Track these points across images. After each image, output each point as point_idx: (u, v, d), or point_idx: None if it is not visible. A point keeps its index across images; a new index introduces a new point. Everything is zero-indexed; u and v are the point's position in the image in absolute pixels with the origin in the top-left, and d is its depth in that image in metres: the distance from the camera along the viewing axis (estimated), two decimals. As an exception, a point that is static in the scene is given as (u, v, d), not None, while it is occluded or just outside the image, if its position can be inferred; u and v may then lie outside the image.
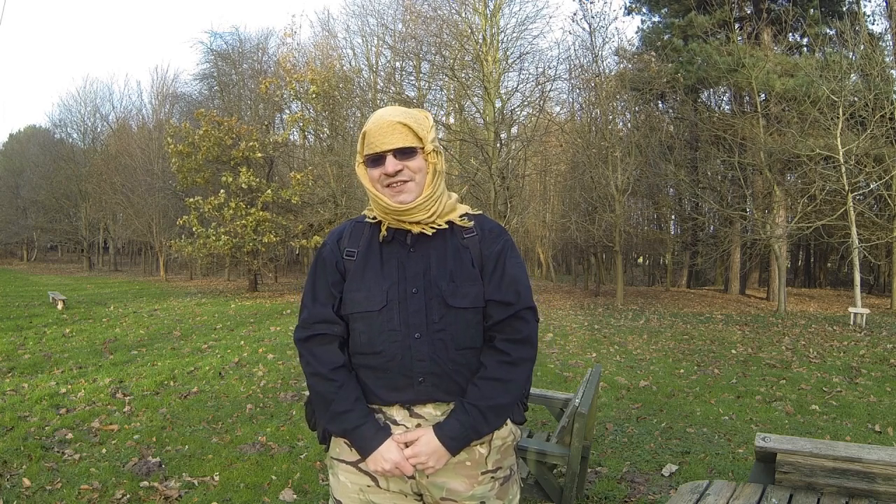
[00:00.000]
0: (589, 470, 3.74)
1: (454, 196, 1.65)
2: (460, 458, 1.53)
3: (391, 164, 1.51)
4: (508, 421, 1.61)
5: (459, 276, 1.53)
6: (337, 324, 1.56)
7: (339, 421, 1.52)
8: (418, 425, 1.53)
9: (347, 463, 1.59)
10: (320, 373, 1.53)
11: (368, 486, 1.56)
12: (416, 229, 1.56)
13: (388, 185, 1.53)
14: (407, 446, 1.50)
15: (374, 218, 1.62)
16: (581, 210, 20.48)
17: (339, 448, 1.60)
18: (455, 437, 1.48)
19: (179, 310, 13.51)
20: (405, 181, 1.53)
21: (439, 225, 1.57)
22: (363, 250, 1.59)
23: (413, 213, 1.53)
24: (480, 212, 1.70)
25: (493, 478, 1.57)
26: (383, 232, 1.58)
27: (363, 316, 1.54)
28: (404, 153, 1.51)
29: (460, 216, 1.61)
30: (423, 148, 1.53)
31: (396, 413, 1.54)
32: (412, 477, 1.54)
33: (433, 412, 1.53)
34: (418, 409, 1.53)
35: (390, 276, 1.54)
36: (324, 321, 1.57)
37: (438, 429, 1.49)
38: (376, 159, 1.53)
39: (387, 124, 1.51)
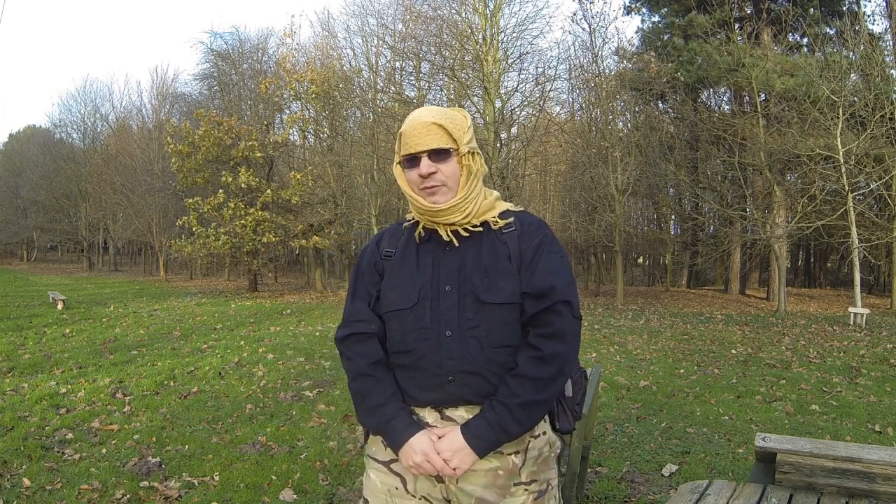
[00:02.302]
0: (589, 470, 3.73)
1: (494, 194, 1.62)
2: (492, 466, 1.49)
3: (425, 165, 1.50)
4: (548, 430, 1.56)
5: (494, 271, 1.50)
6: (373, 321, 1.57)
7: (374, 415, 1.51)
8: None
9: (380, 462, 1.58)
10: (361, 370, 1.53)
11: (396, 489, 1.55)
12: (443, 233, 1.54)
13: (422, 188, 1.52)
14: (440, 439, 1.47)
15: (413, 219, 1.63)
16: (581, 210, 20.47)
17: (375, 447, 1.59)
18: (481, 437, 1.43)
19: (179, 310, 13.51)
20: (437, 185, 1.51)
21: (474, 226, 1.55)
22: (401, 249, 1.60)
23: (447, 213, 1.52)
24: (522, 209, 1.67)
25: (526, 490, 1.51)
26: (419, 231, 1.59)
27: (396, 314, 1.53)
28: (438, 155, 1.50)
29: (500, 213, 1.59)
30: (457, 150, 1.52)
31: (428, 415, 1.51)
32: (441, 481, 1.51)
33: (465, 415, 1.49)
34: (450, 412, 1.50)
35: (424, 274, 1.54)
36: (361, 319, 1.57)
37: (465, 428, 1.46)
38: (412, 160, 1.52)
39: (421, 125, 1.50)
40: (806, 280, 26.55)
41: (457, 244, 1.54)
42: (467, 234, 1.55)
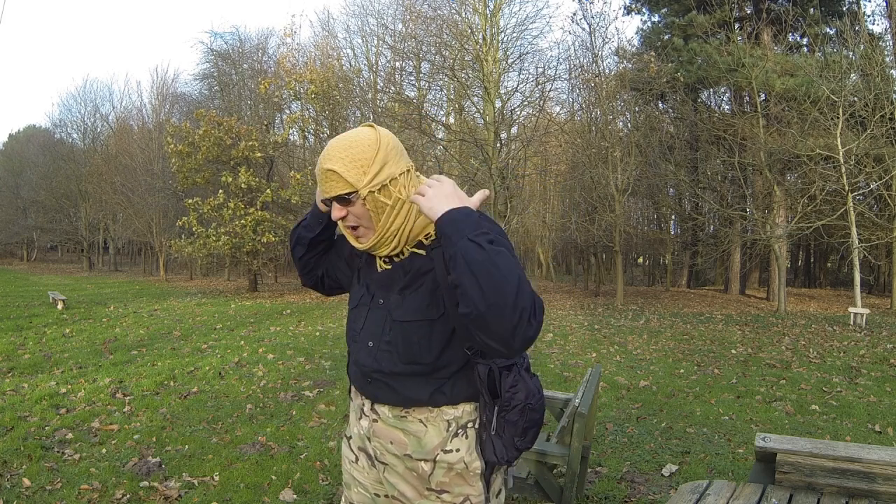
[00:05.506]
0: (589, 470, 3.73)
1: None
2: (406, 467, 1.54)
3: (335, 210, 1.47)
4: (462, 449, 1.50)
5: (409, 288, 1.50)
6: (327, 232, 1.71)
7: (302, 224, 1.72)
8: (375, 420, 1.58)
9: (345, 436, 1.73)
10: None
11: (351, 462, 1.69)
12: (378, 264, 1.56)
13: (345, 227, 1.52)
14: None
15: None
16: (581, 210, 20.49)
17: (347, 423, 1.76)
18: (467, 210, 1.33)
19: (179, 310, 13.51)
20: (353, 226, 1.49)
21: (406, 252, 1.52)
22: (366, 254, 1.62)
23: (375, 249, 1.51)
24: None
25: (438, 498, 1.52)
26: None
27: (351, 308, 1.66)
28: (342, 200, 1.45)
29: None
30: (357, 192, 1.43)
31: (364, 403, 1.61)
32: (374, 466, 1.62)
33: (387, 413, 1.55)
34: (377, 406, 1.58)
35: (367, 284, 1.60)
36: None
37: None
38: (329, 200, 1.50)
39: (321, 171, 1.44)
40: (806, 280, 26.56)
41: (389, 268, 1.54)
42: (398, 260, 1.54)
